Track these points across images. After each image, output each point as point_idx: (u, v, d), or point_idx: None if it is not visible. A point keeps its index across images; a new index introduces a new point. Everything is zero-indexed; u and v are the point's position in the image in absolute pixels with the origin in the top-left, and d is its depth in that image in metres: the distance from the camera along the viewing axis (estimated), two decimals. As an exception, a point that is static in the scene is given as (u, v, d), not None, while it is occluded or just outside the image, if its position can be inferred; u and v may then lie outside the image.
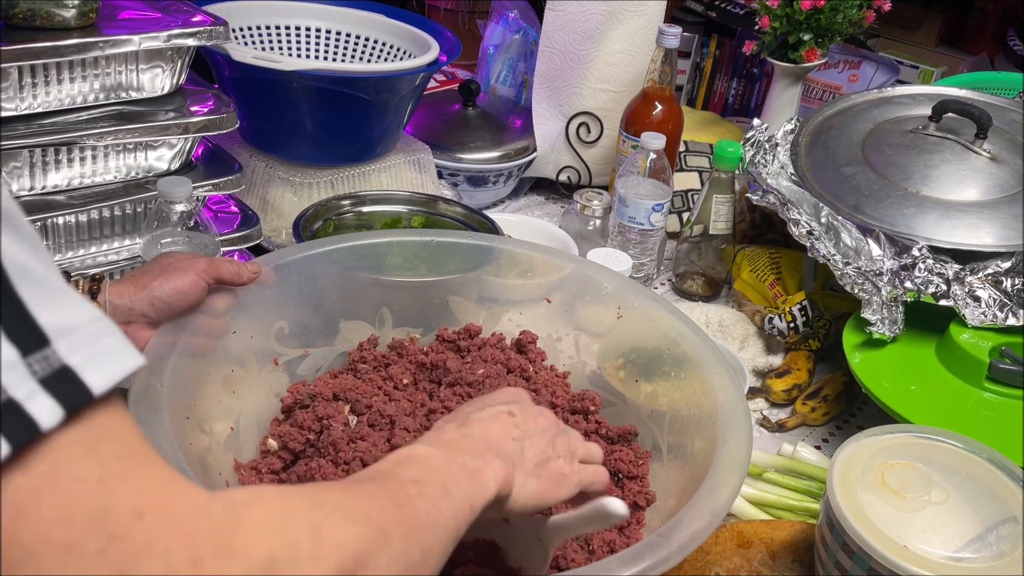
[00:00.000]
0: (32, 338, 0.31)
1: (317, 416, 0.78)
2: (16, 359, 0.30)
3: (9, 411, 0.29)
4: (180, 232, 0.87)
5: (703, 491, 0.63)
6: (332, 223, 1.08)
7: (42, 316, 0.31)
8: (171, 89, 0.97)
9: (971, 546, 0.65)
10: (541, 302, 0.92)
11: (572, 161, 1.41)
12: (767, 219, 1.28)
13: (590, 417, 0.84)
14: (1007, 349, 0.91)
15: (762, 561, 0.77)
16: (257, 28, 1.26)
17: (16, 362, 0.30)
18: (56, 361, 0.31)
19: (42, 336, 0.31)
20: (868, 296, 0.95)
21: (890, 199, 1.02)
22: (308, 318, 0.86)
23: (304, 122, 1.16)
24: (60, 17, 0.85)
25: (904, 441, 0.74)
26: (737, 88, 1.78)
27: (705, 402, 0.75)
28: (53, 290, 0.32)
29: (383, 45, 1.29)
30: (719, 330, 1.10)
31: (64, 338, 0.32)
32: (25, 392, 0.30)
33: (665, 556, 0.57)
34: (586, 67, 1.35)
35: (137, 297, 0.71)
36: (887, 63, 1.63)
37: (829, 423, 1.02)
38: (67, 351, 0.32)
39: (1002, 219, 0.98)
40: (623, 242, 1.20)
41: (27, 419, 0.30)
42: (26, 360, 0.30)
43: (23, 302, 0.31)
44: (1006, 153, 1.05)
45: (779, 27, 1.29)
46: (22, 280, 0.31)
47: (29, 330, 0.31)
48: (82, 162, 0.92)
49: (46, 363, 0.31)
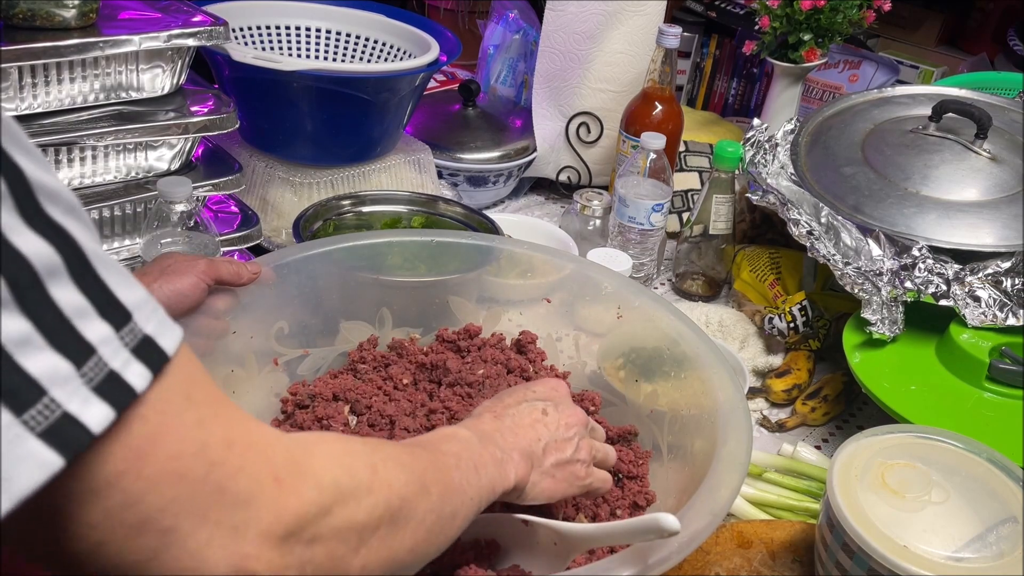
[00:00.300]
0: (119, 314, 0.36)
1: (317, 416, 0.78)
2: (111, 334, 0.35)
3: (111, 381, 0.35)
4: (180, 232, 0.87)
5: (703, 491, 0.63)
6: (332, 223, 1.08)
7: (121, 294, 0.36)
8: (171, 89, 0.97)
9: (971, 546, 0.65)
10: (541, 302, 0.92)
11: (572, 161, 1.41)
12: (767, 219, 1.28)
13: (590, 417, 0.84)
14: (1007, 349, 0.91)
15: (762, 561, 0.77)
16: (257, 28, 1.26)
17: (111, 337, 0.35)
18: (139, 332, 0.36)
19: (125, 311, 0.36)
20: (868, 296, 0.95)
21: (890, 199, 1.02)
22: (308, 318, 0.86)
23: (304, 122, 1.16)
24: (60, 17, 0.85)
25: (904, 441, 0.74)
26: (737, 88, 1.78)
27: (705, 402, 0.75)
28: (119, 271, 0.37)
29: (383, 45, 1.29)
30: (719, 330, 1.10)
31: (139, 311, 0.37)
32: (121, 362, 0.35)
33: (665, 556, 0.57)
34: (586, 67, 1.35)
35: None
36: (887, 63, 1.63)
37: (829, 423, 1.02)
38: (143, 322, 0.37)
39: (1002, 219, 0.98)
40: (623, 242, 1.20)
41: (126, 385, 0.35)
42: (119, 334, 0.35)
43: (106, 283, 0.35)
44: (1006, 153, 1.05)
45: (779, 27, 1.29)
46: (100, 264, 0.36)
47: (115, 307, 0.36)
48: (82, 162, 0.92)
49: (132, 335, 0.36)
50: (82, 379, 0.33)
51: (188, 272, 0.73)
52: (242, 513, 0.39)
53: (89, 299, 0.34)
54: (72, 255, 0.34)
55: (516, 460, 0.60)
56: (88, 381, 0.34)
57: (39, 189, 0.33)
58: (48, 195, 0.34)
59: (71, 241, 0.34)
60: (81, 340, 0.34)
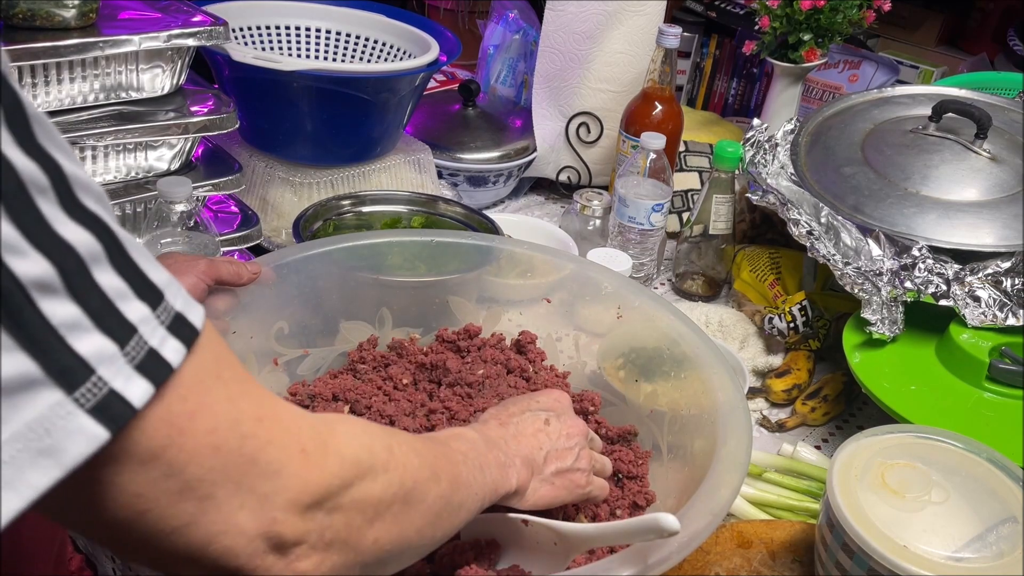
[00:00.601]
0: (153, 295, 0.38)
1: (317, 416, 0.78)
2: (149, 314, 0.37)
3: (151, 358, 0.37)
4: (180, 232, 0.87)
5: (703, 491, 0.63)
6: (332, 223, 1.08)
7: (152, 275, 0.38)
8: (171, 89, 0.97)
9: (971, 546, 0.65)
10: (541, 302, 0.92)
11: (572, 161, 1.41)
12: (767, 219, 1.28)
13: (590, 417, 0.84)
14: (1007, 349, 0.91)
15: (762, 561, 0.77)
16: (257, 28, 1.26)
17: (149, 316, 0.37)
18: (172, 310, 0.38)
19: (158, 292, 0.38)
20: (868, 296, 0.95)
21: (890, 199, 1.02)
22: (308, 318, 0.86)
23: (304, 122, 1.16)
24: (60, 17, 0.85)
25: (904, 441, 0.74)
26: (737, 88, 1.78)
27: (705, 402, 0.75)
28: (145, 254, 0.38)
29: (383, 45, 1.29)
30: (719, 330, 1.10)
31: (167, 289, 0.38)
32: (159, 339, 0.37)
33: (665, 556, 0.57)
34: (586, 67, 1.35)
35: None
36: (887, 63, 1.63)
37: (829, 423, 1.02)
38: (172, 299, 0.39)
39: (1002, 219, 0.98)
40: (623, 242, 1.20)
41: (164, 361, 0.37)
42: (155, 313, 0.37)
43: (139, 266, 0.37)
44: (1006, 153, 1.05)
45: (779, 27, 1.29)
46: (132, 248, 0.37)
47: (149, 288, 0.37)
48: (82, 162, 0.92)
49: (166, 313, 0.38)
50: (125, 358, 0.36)
51: (188, 272, 0.73)
52: (272, 483, 0.42)
53: (127, 282, 0.36)
54: (110, 241, 0.36)
55: (518, 465, 0.63)
56: (131, 360, 0.36)
57: (75, 182, 0.35)
58: (83, 187, 0.36)
59: (107, 228, 0.36)
60: (124, 321, 0.36)
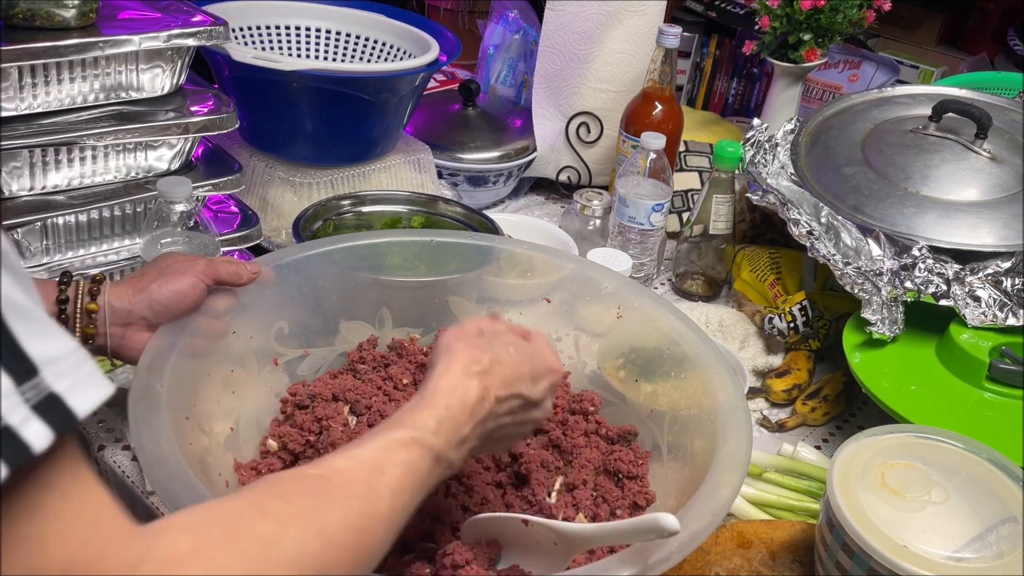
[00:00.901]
0: (24, 368, 0.34)
1: (316, 417, 0.78)
2: (11, 388, 0.34)
3: (6, 436, 0.33)
4: (180, 232, 0.87)
5: (703, 491, 0.63)
6: (332, 223, 1.08)
7: (31, 347, 0.35)
8: (171, 89, 0.97)
9: (971, 546, 0.65)
10: (541, 302, 0.92)
11: (572, 161, 1.41)
12: (767, 219, 1.28)
13: (590, 417, 0.84)
14: (1007, 349, 0.91)
15: (762, 561, 0.77)
16: (257, 28, 1.26)
17: (11, 391, 0.34)
18: (45, 388, 0.35)
19: (32, 366, 0.35)
20: (868, 296, 0.95)
21: (890, 199, 1.02)
22: (308, 318, 0.86)
23: (304, 122, 1.16)
24: (60, 17, 0.85)
25: (904, 441, 0.74)
26: (737, 88, 1.78)
27: (705, 402, 0.75)
28: (38, 322, 0.35)
29: (383, 45, 1.29)
30: (719, 330, 1.10)
31: (50, 367, 0.35)
32: (20, 418, 0.34)
33: (665, 556, 0.57)
34: (586, 67, 1.35)
35: (136, 300, 0.71)
36: (887, 63, 1.63)
37: (829, 423, 1.02)
38: (53, 378, 0.35)
39: (1002, 219, 0.98)
40: (623, 242, 1.20)
41: (21, 444, 0.33)
42: (20, 389, 0.34)
43: (14, 335, 0.34)
44: (1006, 153, 1.05)
45: (779, 27, 1.29)
46: (12, 314, 0.34)
47: (21, 361, 0.34)
48: (82, 162, 0.92)
49: (36, 391, 0.34)
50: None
51: (188, 272, 0.73)
52: None
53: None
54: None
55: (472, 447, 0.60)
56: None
57: None
58: None
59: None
60: None
